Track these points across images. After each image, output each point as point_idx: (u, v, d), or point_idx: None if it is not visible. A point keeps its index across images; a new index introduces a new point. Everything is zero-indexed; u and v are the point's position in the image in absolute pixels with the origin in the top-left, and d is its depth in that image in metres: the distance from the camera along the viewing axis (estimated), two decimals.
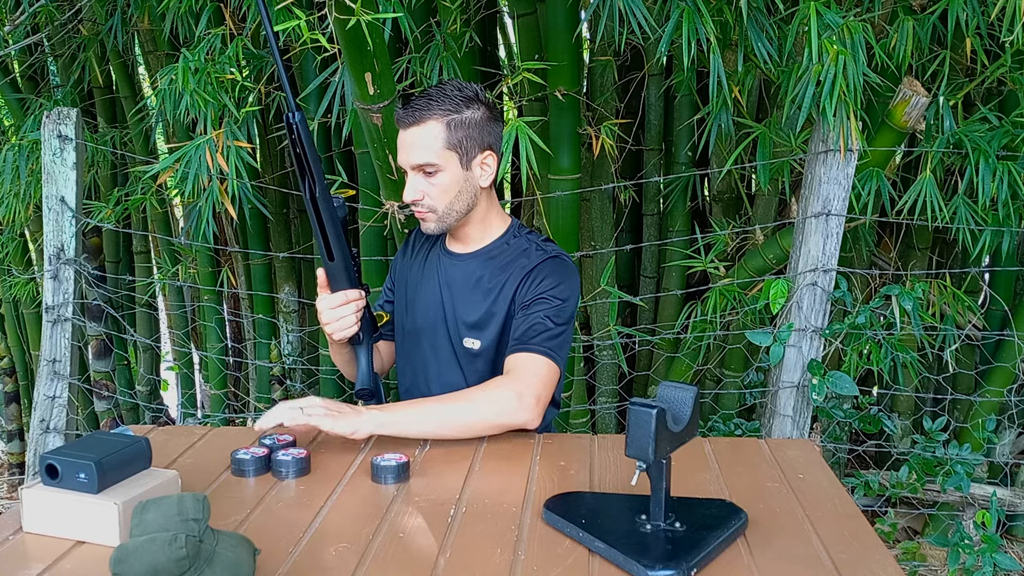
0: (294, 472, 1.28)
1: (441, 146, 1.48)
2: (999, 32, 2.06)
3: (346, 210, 1.47)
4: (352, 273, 1.50)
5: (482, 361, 1.58)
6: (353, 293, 1.50)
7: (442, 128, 1.48)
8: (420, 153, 1.49)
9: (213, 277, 2.99)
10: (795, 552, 1.07)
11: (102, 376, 3.28)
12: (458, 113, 1.49)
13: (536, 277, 1.53)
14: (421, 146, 1.48)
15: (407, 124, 1.50)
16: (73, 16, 2.84)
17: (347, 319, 1.50)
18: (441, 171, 1.49)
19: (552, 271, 1.54)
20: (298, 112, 1.37)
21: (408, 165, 1.52)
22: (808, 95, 1.95)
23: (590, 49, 2.60)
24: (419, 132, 1.48)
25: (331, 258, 1.47)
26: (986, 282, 2.71)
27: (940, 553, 2.57)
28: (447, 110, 1.48)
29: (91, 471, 1.05)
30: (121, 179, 3.16)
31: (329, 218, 1.44)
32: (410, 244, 1.75)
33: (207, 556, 0.92)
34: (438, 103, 1.48)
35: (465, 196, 1.53)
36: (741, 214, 2.67)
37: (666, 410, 1.04)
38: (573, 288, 1.55)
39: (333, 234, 1.45)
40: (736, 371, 2.62)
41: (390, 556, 1.05)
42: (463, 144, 1.50)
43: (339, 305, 1.50)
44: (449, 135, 1.48)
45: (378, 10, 1.81)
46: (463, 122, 1.49)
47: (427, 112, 1.48)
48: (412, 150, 1.50)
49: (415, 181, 1.51)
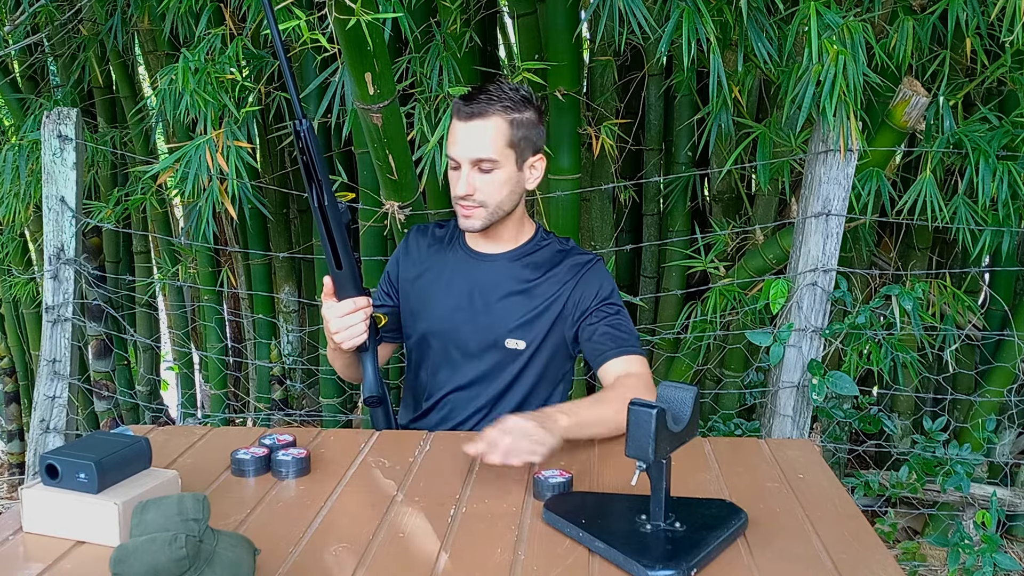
0: (294, 472, 1.28)
1: (503, 143, 1.48)
2: (999, 32, 2.06)
3: (349, 215, 1.46)
4: (359, 280, 1.48)
5: (523, 360, 1.57)
6: (362, 300, 1.47)
7: (506, 125, 1.48)
8: (482, 147, 1.48)
9: (213, 277, 2.98)
10: (795, 552, 1.07)
11: (102, 376, 3.28)
12: (519, 112, 1.49)
13: (591, 280, 1.57)
14: (484, 141, 1.48)
15: (470, 116, 1.48)
16: (73, 16, 2.84)
17: (356, 327, 1.47)
18: (498, 168, 1.49)
19: (601, 272, 1.60)
20: (305, 120, 1.36)
21: (466, 158, 1.49)
22: (808, 95, 1.95)
23: (590, 49, 2.60)
24: (483, 126, 1.48)
25: (339, 266, 1.44)
26: (986, 282, 2.71)
27: (940, 553, 2.57)
28: (509, 107, 1.48)
29: (91, 471, 1.05)
30: (121, 179, 3.16)
31: (337, 225, 1.42)
32: (410, 246, 1.71)
33: (207, 556, 0.92)
34: (500, 100, 1.48)
35: (514, 196, 1.54)
36: (741, 214, 2.67)
37: (666, 410, 1.04)
38: None
39: (341, 241, 1.43)
40: (736, 371, 2.62)
41: (390, 556, 1.05)
42: (520, 144, 1.50)
43: (348, 313, 1.46)
44: (511, 133, 1.49)
45: (378, 10, 1.81)
46: (523, 122, 1.50)
47: (491, 107, 1.47)
48: (473, 143, 1.48)
49: (470, 175, 1.50)
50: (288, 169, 2.89)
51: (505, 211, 1.55)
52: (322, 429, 1.52)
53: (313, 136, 1.37)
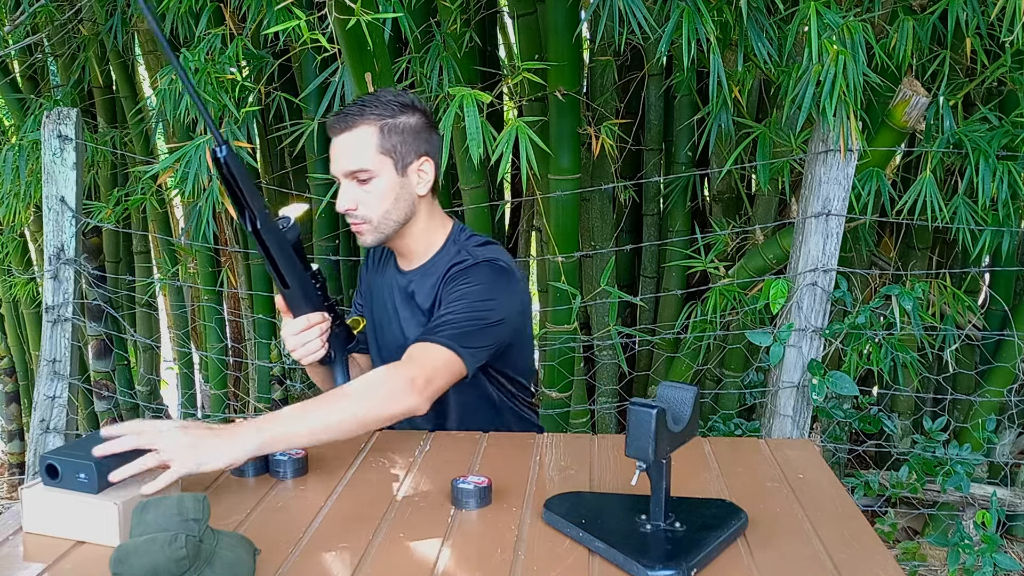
0: (291, 472, 1.28)
1: (374, 151, 1.43)
2: (999, 32, 2.06)
3: (298, 230, 1.38)
4: (314, 295, 1.43)
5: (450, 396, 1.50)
6: (315, 316, 1.43)
7: (375, 132, 1.43)
8: (353, 159, 1.44)
9: (213, 277, 2.98)
10: (795, 552, 1.07)
11: (102, 376, 3.28)
12: (392, 118, 1.45)
13: (458, 279, 1.46)
14: (354, 151, 1.44)
15: (339, 130, 1.45)
16: (73, 16, 2.84)
17: (311, 344, 1.44)
18: (375, 177, 1.44)
19: (478, 274, 1.45)
20: (225, 146, 1.25)
21: (341, 172, 1.46)
22: (808, 95, 1.95)
23: (590, 49, 2.60)
24: (351, 137, 1.44)
25: (286, 286, 1.39)
26: (986, 282, 2.71)
27: (940, 553, 2.57)
28: (380, 115, 1.44)
29: (91, 471, 1.05)
30: (121, 179, 3.16)
31: (277, 246, 1.34)
32: (371, 256, 1.70)
33: (207, 556, 0.92)
34: (371, 108, 1.44)
35: (402, 204, 1.48)
36: (741, 214, 2.67)
37: (666, 410, 1.04)
38: (501, 292, 1.46)
39: (284, 262, 1.36)
40: (736, 371, 2.62)
41: (390, 556, 1.05)
42: (398, 149, 1.45)
43: (302, 331, 1.43)
44: (382, 139, 1.44)
45: (378, 10, 1.81)
46: (397, 127, 1.45)
47: (359, 117, 1.44)
48: (344, 156, 1.45)
49: (348, 189, 1.46)
50: (288, 169, 2.88)
51: (397, 221, 1.48)
52: None
53: (235, 161, 1.27)
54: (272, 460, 1.29)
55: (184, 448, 1.11)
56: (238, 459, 1.15)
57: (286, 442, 1.20)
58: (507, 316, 1.46)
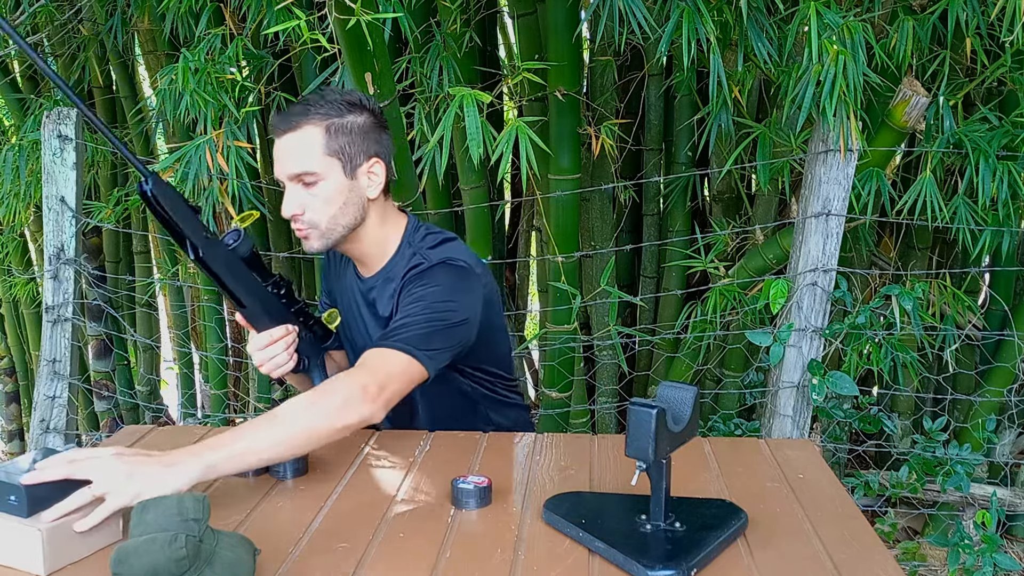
0: (291, 471, 1.28)
1: (320, 152, 1.37)
2: (999, 32, 2.06)
3: (251, 242, 1.30)
4: (275, 307, 1.37)
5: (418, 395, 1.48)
6: (278, 331, 1.37)
7: (321, 133, 1.37)
8: (298, 161, 1.37)
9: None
10: (795, 552, 1.07)
11: (102, 376, 3.28)
12: (340, 117, 1.38)
13: (415, 283, 1.40)
14: (299, 153, 1.37)
15: (282, 131, 1.38)
16: (73, 16, 2.84)
17: (278, 358, 1.38)
18: (322, 180, 1.37)
19: (435, 277, 1.40)
20: (151, 177, 1.17)
21: (285, 176, 1.39)
22: (808, 95, 1.95)
23: (590, 49, 2.59)
24: (296, 138, 1.37)
25: (242, 306, 1.34)
26: (986, 282, 2.71)
27: (940, 553, 2.57)
28: (327, 114, 1.37)
29: (21, 494, 0.99)
30: (121, 179, 3.16)
31: (225, 268, 1.28)
32: (329, 262, 1.65)
33: (207, 556, 0.92)
34: (316, 108, 1.37)
35: (351, 208, 1.41)
36: (741, 214, 2.67)
37: (666, 410, 1.04)
38: (461, 292, 1.41)
39: (235, 282, 1.30)
40: (736, 371, 2.62)
41: (390, 556, 1.05)
42: (345, 150, 1.38)
43: (265, 346, 1.37)
44: (329, 140, 1.37)
45: (378, 10, 1.81)
46: (344, 127, 1.38)
47: (304, 117, 1.37)
48: (288, 159, 1.38)
49: (294, 193, 1.39)
50: None
51: (346, 226, 1.42)
52: None
53: (164, 192, 1.18)
54: None
55: (120, 478, 1.03)
56: (181, 487, 1.06)
57: (233, 465, 1.13)
58: (469, 316, 1.42)
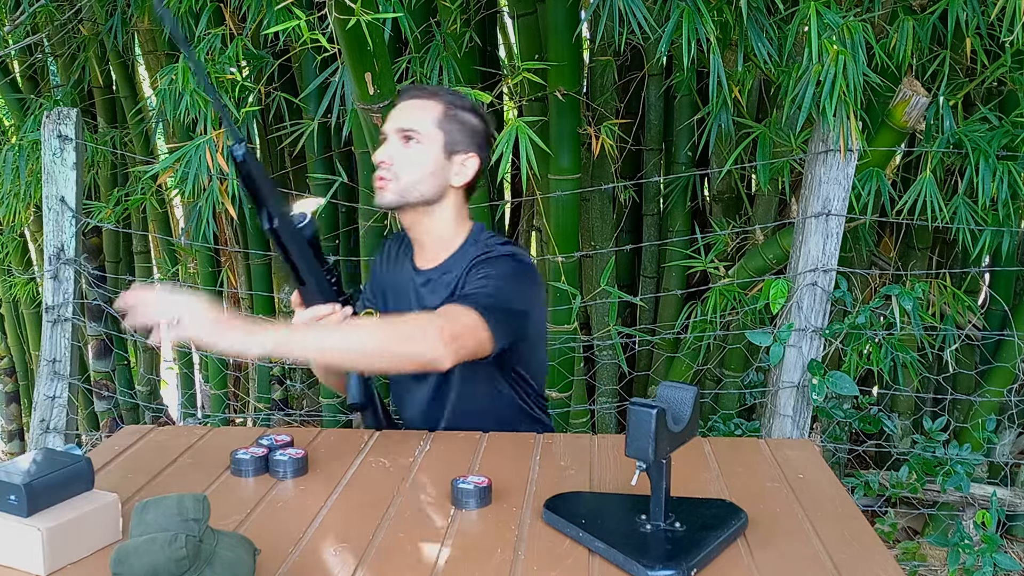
0: (291, 472, 1.28)
1: (433, 122, 1.48)
2: (999, 32, 2.06)
3: (314, 226, 1.38)
4: (328, 291, 1.42)
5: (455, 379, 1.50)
6: (324, 309, 1.41)
7: (441, 109, 1.49)
8: (411, 119, 1.48)
9: (213, 277, 2.98)
10: (795, 552, 1.07)
11: (102, 376, 3.28)
12: (459, 109, 1.51)
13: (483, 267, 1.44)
14: (415, 115, 1.48)
15: (411, 96, 1.52)
16: (73, 16, 2.84)
17: None
18: (422, 143, 1.47)
19: (503, 265, 1.45)
20: (241, 144, 1.25)
21: (394, 129, 1.49)
22: (808, 95, 1.95)
23: (590, 49, 2.60)
24: (419, 104, 1.50)
25: (302, 283, 1.40)
26: (986, 282, 2.71)
27: (940, 553, 2.57)
28: (452, 102, 1.50)
29: (21, 493, 1.00)
30: (121, 179, 3.16)
31: (293, 243, 1.35)
32: (385, 253, 1.68)
33: (207, 556, 0.92)
34: (446, 94, 1.52)
35: (433, 180, 1.48)
36: (741, 214, 2.67)
37: (666, 410, 1.04)
38: (525, 285, 1.47)
39: (301, 260, 1.37)
40: (736, 371, 2.62)
41: (390, 556, 1.05)
42: (452, 134, 1.49)
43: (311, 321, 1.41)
44: (443, 119, 1.48)
45: (378, 10, 1.81)
46: (459, 118, 1.50)
47: (434, 94, 1.51)
48: (404, 115, 1.49)
49: (392, 144, 1.48)
50: (288, 169, 2.89)
51: (422, 194, 1.47)
52: (321, 429, 1.52)
53: (254, 158, 1.27)
54: (272, 460, 1.29)
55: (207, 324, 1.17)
56: (253, 354, 1.20)
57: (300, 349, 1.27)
58: (529, 309, 1.47)
